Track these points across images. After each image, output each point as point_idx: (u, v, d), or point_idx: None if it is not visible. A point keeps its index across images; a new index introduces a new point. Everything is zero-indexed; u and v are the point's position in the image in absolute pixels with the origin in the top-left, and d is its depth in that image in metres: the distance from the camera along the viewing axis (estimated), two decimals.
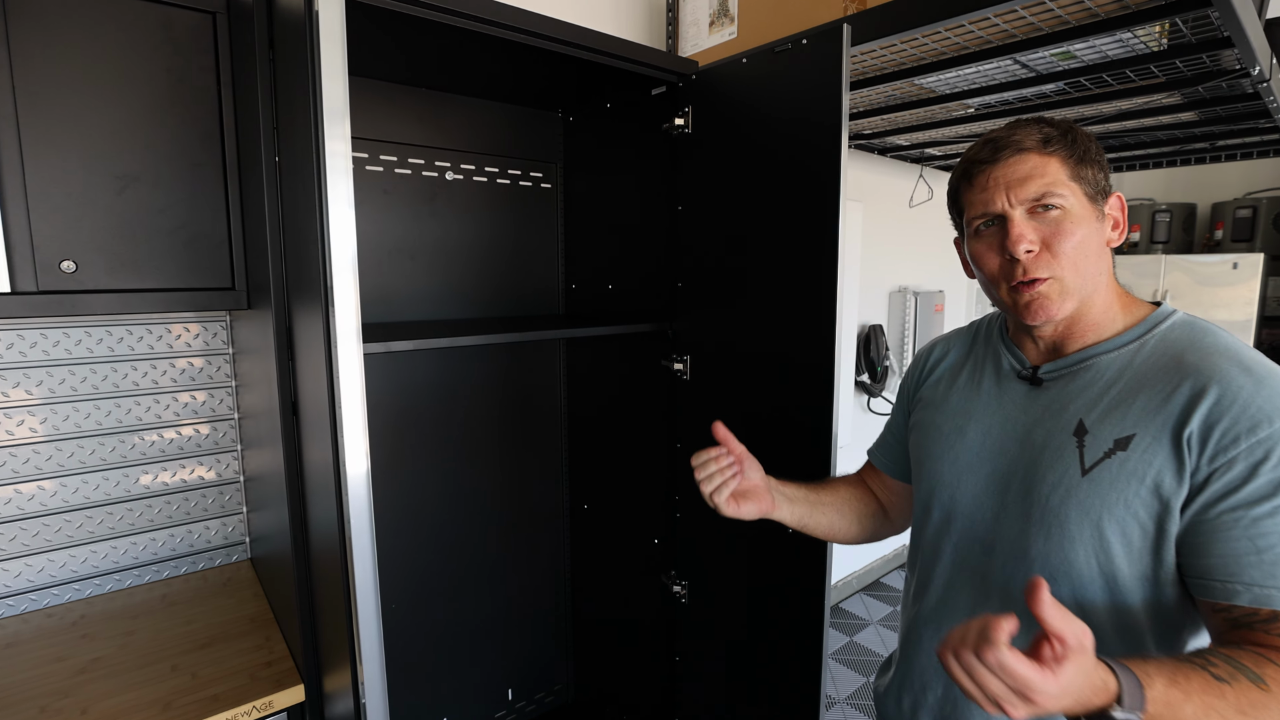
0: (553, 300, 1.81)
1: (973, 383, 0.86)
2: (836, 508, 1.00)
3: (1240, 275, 3.78)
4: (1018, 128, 0.75)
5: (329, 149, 0.71)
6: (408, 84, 1.50)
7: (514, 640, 1.84)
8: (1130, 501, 0.67)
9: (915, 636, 0.88)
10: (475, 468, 1.71)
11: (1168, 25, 1.31)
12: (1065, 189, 0.72)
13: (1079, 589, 0.70)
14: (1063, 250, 0.71)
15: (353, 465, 0.73)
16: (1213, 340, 0.69)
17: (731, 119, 1.28)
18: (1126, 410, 0.69)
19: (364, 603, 0.74)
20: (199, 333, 1.37)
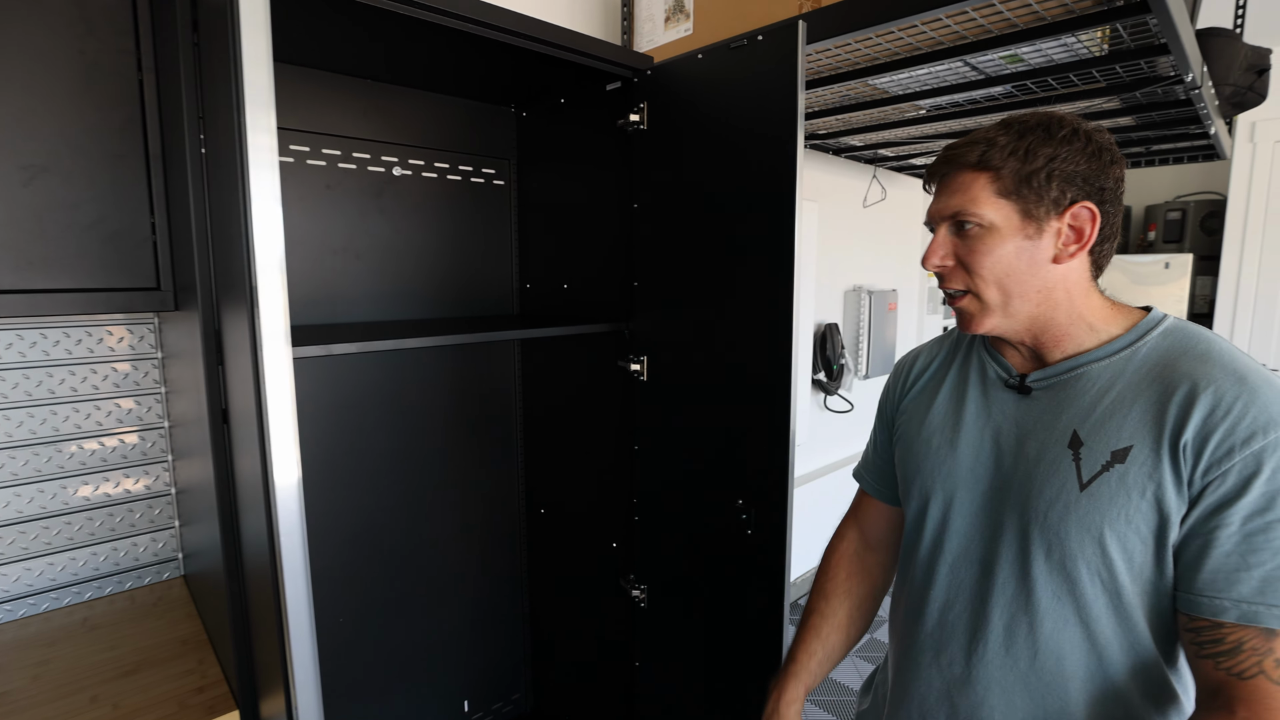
0: (507, 300, 1.77)
1: (957, 393, 0.83)
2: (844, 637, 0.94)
3: (1171, 274, 3.96)
4: (968, 142, 0.74)
5: (252, 141, 0.66)
6: (352, 74, 1.43)
7: (470, 650, 1.79)
8: (1131, 515, 0.65)
9: (911, 663, 0.83)
10: (429, 474, 1.65)
11: (1109, 31, 1.34)
12: (987, 207, 0.71)
13: (1083, 608, 0.69)
14: (976, 268, 0.73)
15: (282, 476, 0.68)
16: (1206, 346, 0.68)
17: (688, 115, 1.26)
18: (1122, 421, 0.67)
19: (296, 621, 0.69)
20: (123, 336, 1.28)
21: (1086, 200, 0.70)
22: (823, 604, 0.95)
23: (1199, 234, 4.15)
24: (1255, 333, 3.76)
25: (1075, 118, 0.73)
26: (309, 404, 1.44)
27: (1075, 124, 0.72)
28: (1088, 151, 0.70)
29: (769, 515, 1.19)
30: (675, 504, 1.38)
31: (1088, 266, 0.73)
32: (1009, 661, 0.73)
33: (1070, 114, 0.74)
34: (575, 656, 1.74)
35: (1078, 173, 0.70)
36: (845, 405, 3.04)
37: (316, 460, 1.46)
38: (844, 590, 0.96)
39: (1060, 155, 0.70)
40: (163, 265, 1.02)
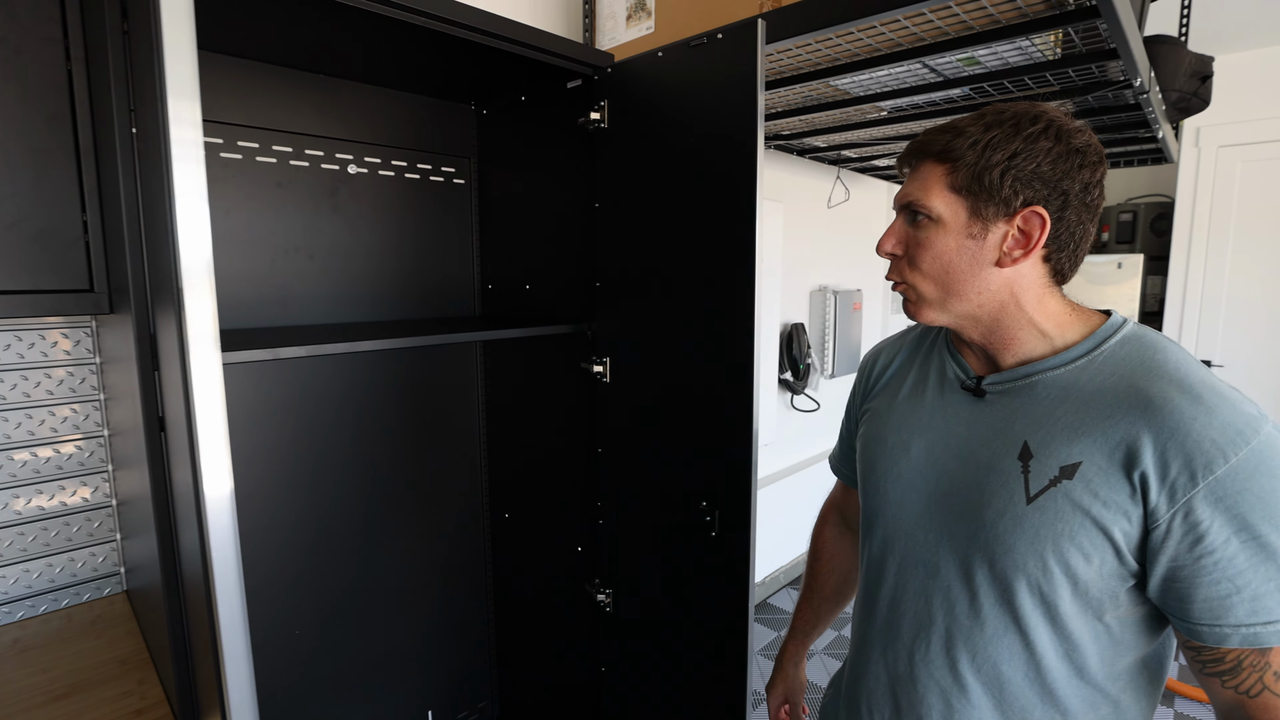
0: (468, 301, 1.73)
1: (917, 392, 0.83)
2: (834, 607, 1.09)
3: (1124, 274, 4.09)
4: (940, 130, 0.72)
5: (174, 134, 0.62)
6: (304, 69, 1.39)
7: (434, 657, 1.75)
8: (1075, 533, 0.65)
9: (864, 657, 0.85)
10: (389, 479, 1.61)
11: (1061, 35, 1.37)
12: (938, 200, 0.70)
13: (1021, 618, 0.69)
14: (917, 260, 0.73)
15: (213, 487, 0.64)
16: (1162, 359, 0.66)
17: (648, 114, 1.24)
18: (1074, 435, 0.66)
19: (230, 639, 0.66)
20: (57, 340, 1.22)
21: (1040, 205, 0.67)
22: (812, 581, 1.10)
23: (1149, 235, 4.29)
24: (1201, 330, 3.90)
25: (1056, 114, 0.69)
26: (262, 409, 1.39)
27: (1050, 121, 0.68)
28: (1054, 153, 0.67)
29: (733, 516, 1.18)
30: (639, 506, 1.37)
31: (1044, 272, 0.71)
32: (949, 663, 0.74)
33: (1055, 110, 0.70)
34: (543, 663, 1.72)
35: (1037, 174, 0.67)
36: (812, 405, 3.06)
37: (270, 467, 1.41)
38: (829, 568, 1.08)
39: (1021, 154, 0.67)
40: (96, 266, 0.97)
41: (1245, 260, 3.70)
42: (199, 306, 0.63)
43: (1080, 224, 0.69)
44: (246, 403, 1.37)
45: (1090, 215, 0.70)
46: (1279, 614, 0.59)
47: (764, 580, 2.90)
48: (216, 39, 1.21)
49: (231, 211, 1.34)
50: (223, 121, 1.31)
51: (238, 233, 1.35)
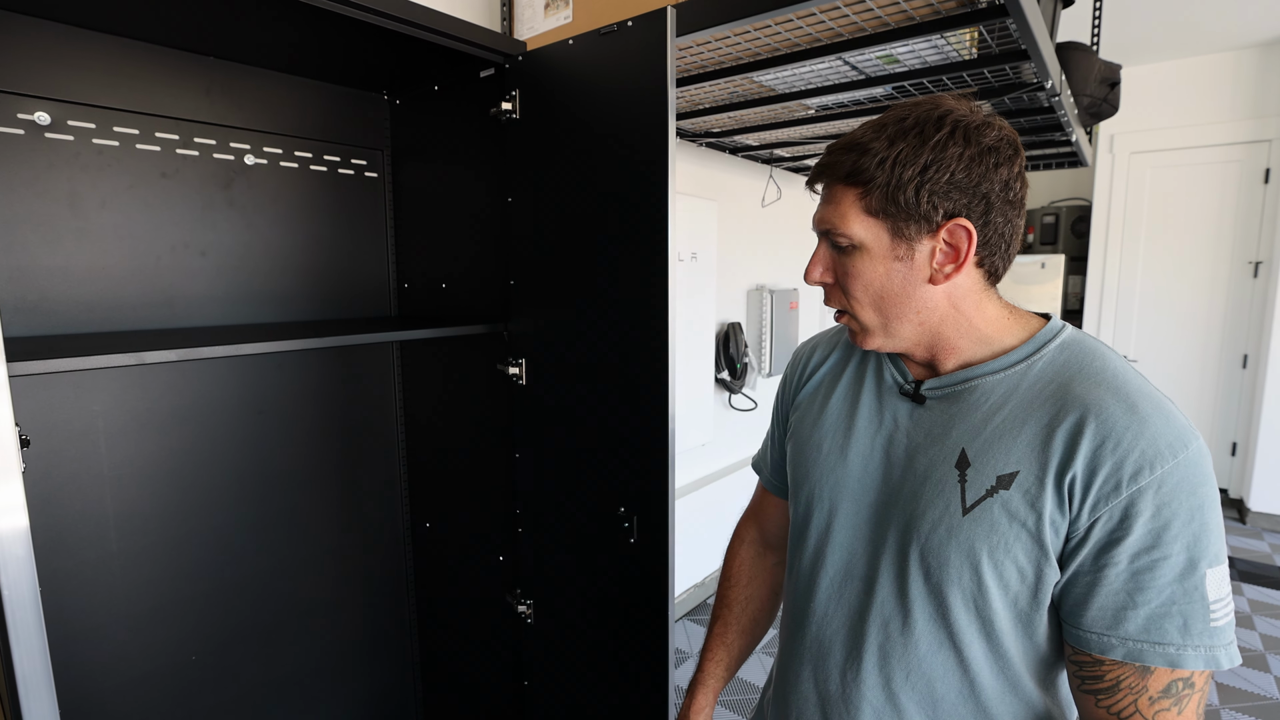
0: (384, 301, 1.65)
1: (851, 395, 0.79)
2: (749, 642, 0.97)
3: (1047, 274, 4.26)
4: (843, 148, 0.68)
5: None
6: (191, 50, 1.28)
7: (354, 676, 1.66)
8: (1010, 545, 0.62)
9: (793, 674, 0.80)
10: (301, 490, 1.51)
11: (976, 35, 1.39)
12: (856, 225, 0.67)
13: (956, 633, 0.66)
14: (850, 288, 0.70)
15: (3, 521, 0.55)
16: (1100, 366, 0.64)
17: (560, 105, 1.20)
18: (1011, 443, 0.64)
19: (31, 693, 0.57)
20: None
21: (963, 215, 0.64)
22: (725, 612, 0.97)
23: (1070, 236, 4.49)
24: (1118, 326, 4.09)
25: (963, 111, 0.65)
26: (149, 420, 1.28)
27: (955, 122, 0.64)
28: (966, 158, 0.63)
29: (651, 523, 1.14)
30: (558, 514, 1.31)
31: (978, 278, 0.68)
32: (882, 681, 0.71)
33: (959, 105, 0.66)
34: (467, 679, 1.64)
35: (953, 184, 0.63)
36: (750, 404, 3.06)
37: (160, 482, 1.30)
38: (745, 596, 0.97)
39: (932, 165, 0.63)
40: None
41: (1156, 259, 3.90)
42: None
43: (1008, 223, 0.67)
44: (131, 412, 1.26)
45: (1016, 211, 0.67)
46: (1172, 638, 0.58)
47: (703, 580, 2.88)
48: (84, 14, 1.10)
49: (108, 204, 1.22)
50: (95, 105, 1.19)
51: (115, 227, 1.24)
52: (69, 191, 1.18)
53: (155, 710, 1.32)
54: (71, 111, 1.17)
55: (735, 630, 0.95)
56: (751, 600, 0.97)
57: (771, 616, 0.98)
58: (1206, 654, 0.57)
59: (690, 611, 2.87)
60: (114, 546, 1.25)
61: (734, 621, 0.96)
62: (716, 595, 1.00)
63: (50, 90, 1.14)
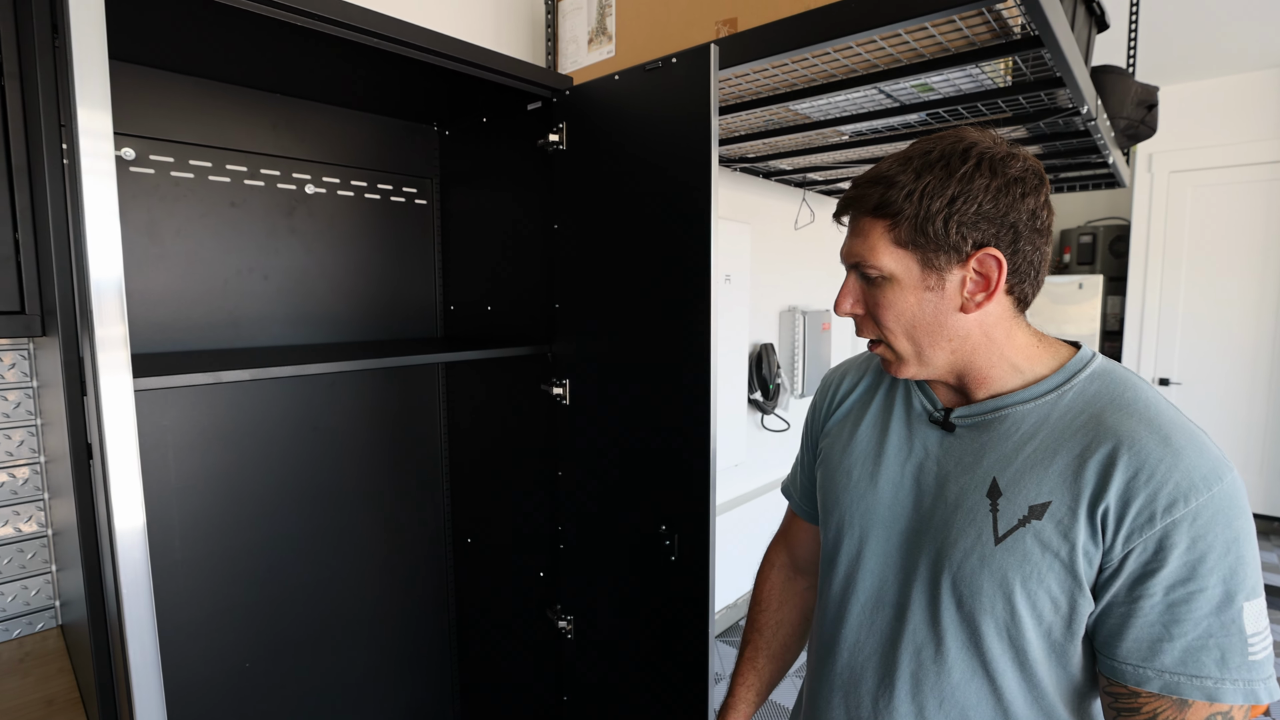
0: (430, 322, 1.71)
1: (881, 422, 0.80)
2: (781, 666, 0.97)
3: (1085, 294, 4.19)
4: (870, 182, 0.69)
5: (84, 146, 0.60)
6: (260, 88, 1.37)
7: (394, 688, 1.69)
8: (1044, 575, 0.63)
9: (823, 701, 0.80)
10: (349, 505, 1.57)
11: (1011, 63, 1.41)
12: (886, 258, 0.68)
13: (989, 662, 0.67)
14: (882, 319, 0.71)
15: (124, 520, 0.61)
16: (1132, 396, 0.64)
17: (605, 136, 1.25)
18: (1042, 474, 0.64)
19: (141, 681, 0.62)
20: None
21: (992, 245, 0.65)
22: (756, 636, 0.97)
23: (1108, 256, 4.42)
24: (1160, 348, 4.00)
25: (987, 143, 0.67)
26: (214, 434, 1.35)
27: (980, 155, 0.65)
28: (993, 189, 0.64)
29: (692, 541, 1.17)
30: (599, 531, 1.35)
31: (1008, 305, 0.69)
32: (914, 709, 0.71)
33: (983, 137, 0.68)
34: (504, 693, 1.67)
35: (981, 215, 0.65)
36: (782, 424, 3.07)
37: (222, 493, 1.37)
38: (775, 621, 0.98)
39: (960, 197, 0.64)
40: (27, 287, 0.93)
41: (1199, 280, 3.82)
42: (109, 329, 0.60)
43: (1036, 250, 0.68)
44: (198, 427, 1.33)
45: (1043, 238, 0.68)
46: (1210, 671, 0.57)
47: (735, 602, 2.87)
48: (170, 58, 1.19)
49: (183, 232, 1.31)
50: (174, 140, 1.28)
51: (189, 253, 1.32)
52: (148, 221, 1.26)
53: (214, 714, 1.37)
54: (153, 147, 1.26)
55: (766, 655, 0.96)
56: (783, 625, 0.97)
57: (803, 641, 0.99)
58: (1245, 688, 0.57)
59: (722, 633, 2.86)
60: (178, 555, 1.32)
61: (765, 646, 0.96)
62: (747, 619, 1.00)
63: (135, 128, 1.23)
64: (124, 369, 0.61)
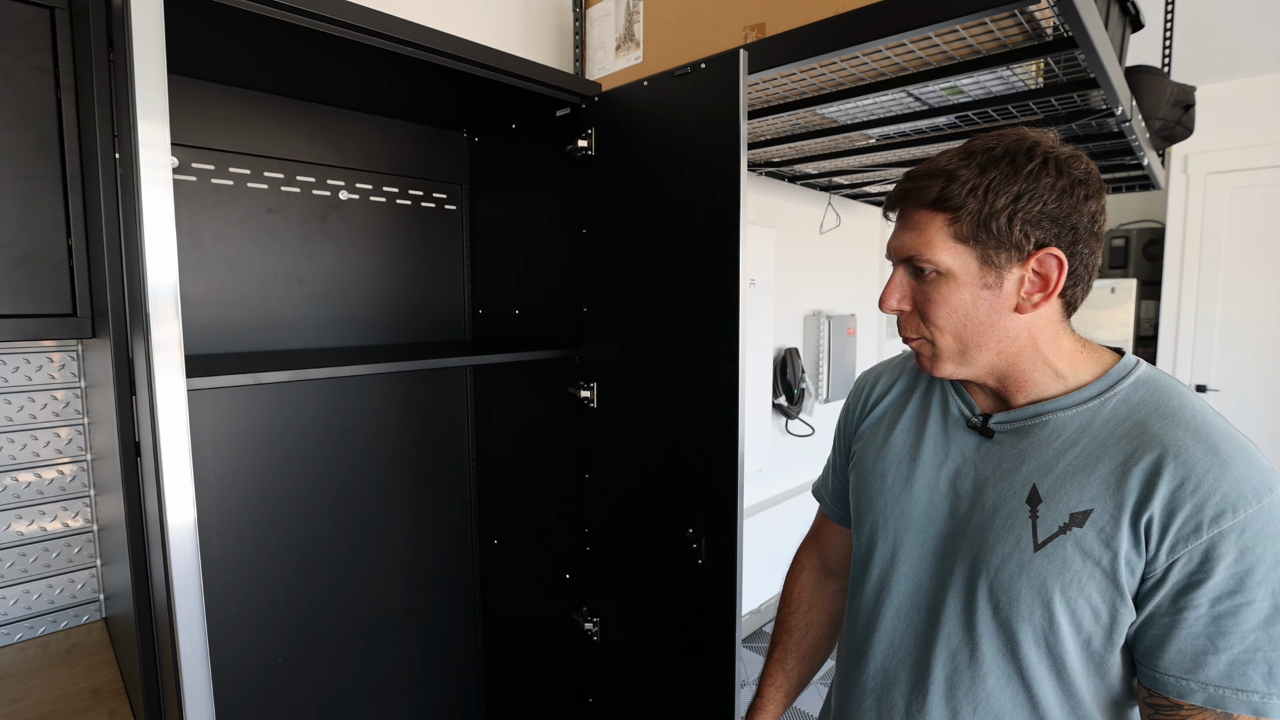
0: (459, 326, 1.74)
1: (916, 426, 0.79)
2: (809, 669, 0.96)
3: (1117, 299, 4.10)
4: (926, 175, 0.68)
5: (144, 157, 0.63)
6: (297, 97, 1.41)
7: (420, 686, 1.72)
8: (1084, 584, 0.62)
9: (854, 705, 0.80)
10: (378, 505, 1.60)
11: (1042, 65, 1.39)
12: (944, 253, 0.66)
13: (1025, 670, 0.66)
14: (932, 317, 0.69)
15: (176, 515, 0.64)
16: (1178, 405, 0.63)
17: (634, 141, 1.26)
18: (1084, 481, 0.63)
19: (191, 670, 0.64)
20: (43, 364, 1.22)
21: (1053, 245, 0.64)
22: (785, 638, 0.97)
23: (1142, 260, 4.32)
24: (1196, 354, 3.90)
25: (1049, 144, 0.66)
26: (248, 434, 1.38)
27: (1045, 154, 0.65)
28: (1058, 189, 0.64)
29: (719, 545, 1.17)
30: (626, 534, 1.35)
31: (1058, 309, 0.68)
32: (948, 714, 0.70)
33: (1043, 137, 0.67)
34: (530, 694, 1.68)
35: (1045, 214, 0.64)
36: (806, 429, 3.05)
37: (257, 492, 1.40)
38: (805, 623, 0.97)
39: (1025, 195, 0.63)
40: (79, 290, 0.97)
41: (1237, 284, 3.72)
42: (164, 331, 0.63)
43: (1091, 254, 0.67)
44: (237, 428, 1.37)
45: (1098, 243, 0.68)
46: (1256, 685, 0.56)
47: (759, 608, 2.86)
48: (207, 68, 1.23)
49: (222, 237, 1.35)
50: (214, 148, 1.32)
51: (228, 258, 1.36)
52: (190, 227, 1.30)
53: (246, 710, 1.40)
54: (195, 155, 1.30)
55: (795, 657, 0.95)
56: (812, 627, 0.97)
57: (831, 644, 0.98)
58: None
59: (747, 638, 2.85)
60: (215, 552, 1.35)
61: (794, 648, 0.96)
62: (776, 621, 1.00)
63: (179, 137, 1.27)
64: (177, 370, 0.63)
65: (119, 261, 0.81)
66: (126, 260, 0.79)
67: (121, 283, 0.81)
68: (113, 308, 0.81)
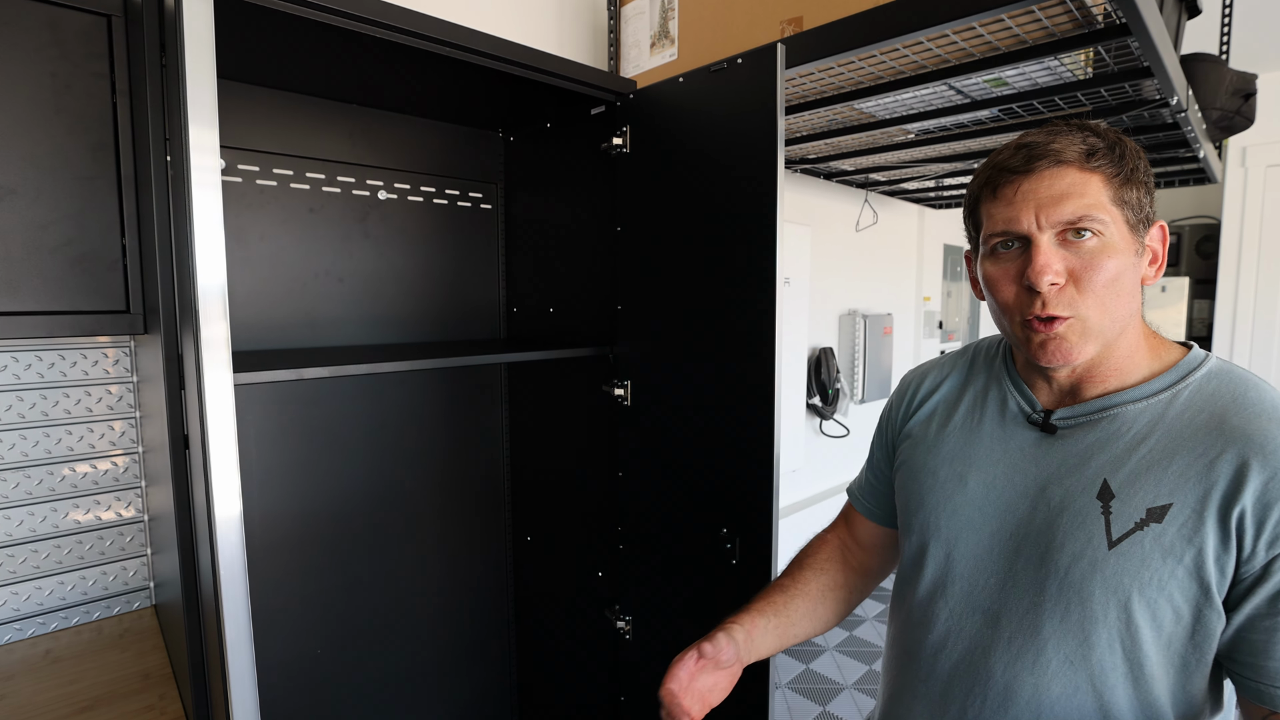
0: (493, 324, 1.75)
1: (971, 422, 0.76)
2: (810, 611, 0.85)
3: (1168, 298, 3.95)
4: (1058, 135, 0.64)
5: (194, 161, 0.65)
6: (337, 99, 1.44)
7: (454, 680, 1.74)
8: (1165, 582, 0.59)
9: (904, 709, 0.77)
10: (412, 500, 1.62)
11: (1092, 54, 1.34)
12: (1105, 214, 0.61)
13: (1098, 675, 0.62)
14: (1092, 286, 0.62)
15: (223, 507, 0.65)
16: (1257, 396, 0.61)
17: (669, 139, 1.25)
18: (1161, 475, 0.60)
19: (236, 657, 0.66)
20: (98, 360, 1.27)
21: (1158, 219, 0.65)
22: (796, 570, 0.89)
23: (1194, 257, 4.16)
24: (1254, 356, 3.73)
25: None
26: (290, 429, 1.42)
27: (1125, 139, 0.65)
28: (1147, 167, 0.65)
29: (753, 544, 1.16)
30: (659, 532, 1.35)
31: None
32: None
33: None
34: (562, 690, 1.69)
35: (1150, 189, 0.64)
36: (841, 430, 3.01)
37: (298, 486, 1.44)
38: (820, 567, 0.89)
39: (1141, 167, 0.64)
40: (132, 288, 1.01)
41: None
42: (213, 328, 0.64)
43: None
44: (278, 422, 1.40)
45: None
46: None
47: None
48: (253, 72, 1.26)
49: (266, 236, 1.38)
50: (259, 150, 1.36)
51: (271, 256, 1.39)
52: (236, 226, 1.34)
53: (288, 698, 1.44)
54: (241, 157, 1.33)
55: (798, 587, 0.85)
56: (824, 572, 0.88)
57: (837, 605, 0.88)
58: None
59: None
60: (259, 543, 1.39)
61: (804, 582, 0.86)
62: (788, 568, 0.91)
63: (225, 139, 1.31)
64: (225, 366, 0.65)
65: (170, 261, 0.83)
66: (177, 260, 0.82)
67: (172, 281, 0.83)
68: (163, 305, 0.84)
